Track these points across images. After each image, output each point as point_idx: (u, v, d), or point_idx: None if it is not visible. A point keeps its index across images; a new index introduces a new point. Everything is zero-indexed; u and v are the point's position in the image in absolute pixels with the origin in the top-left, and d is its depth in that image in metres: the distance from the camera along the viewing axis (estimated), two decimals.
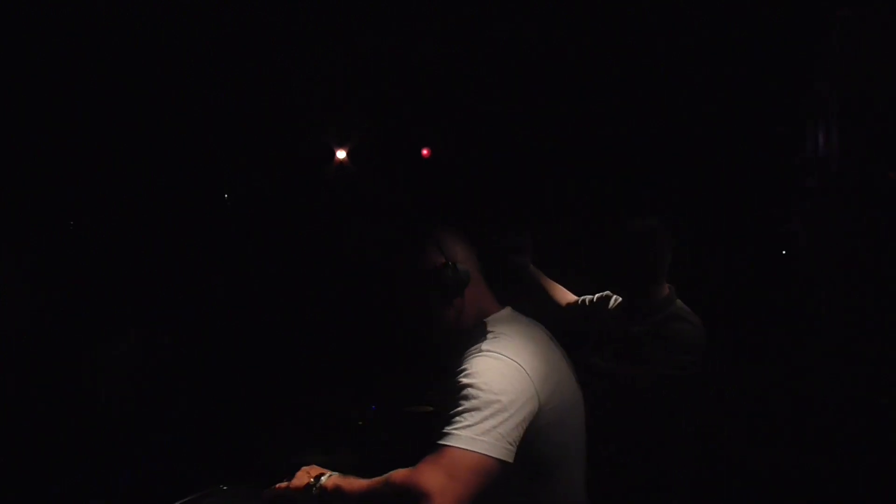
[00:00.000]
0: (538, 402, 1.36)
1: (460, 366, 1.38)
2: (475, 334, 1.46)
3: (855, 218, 3.12)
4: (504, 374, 1.34)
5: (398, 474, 1.29)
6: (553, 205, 4.06)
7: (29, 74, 3.03)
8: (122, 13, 3.08)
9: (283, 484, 1.46)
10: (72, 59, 3.09)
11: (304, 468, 1.47)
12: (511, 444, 1.30)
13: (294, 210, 4.29)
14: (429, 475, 1.25)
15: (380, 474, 1.35)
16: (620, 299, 2.46)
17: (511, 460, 1.30)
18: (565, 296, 2.63)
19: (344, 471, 1.44)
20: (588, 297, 2.59)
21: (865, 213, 3.08)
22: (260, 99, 3.92)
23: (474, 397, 1.30)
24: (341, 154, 4.41)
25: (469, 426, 1.28)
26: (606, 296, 2.53)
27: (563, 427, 1.43)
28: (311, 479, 1.42)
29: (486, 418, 1.29)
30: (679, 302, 2.32)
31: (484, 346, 1.39)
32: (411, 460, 1.33)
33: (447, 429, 1.29)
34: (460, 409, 1.30)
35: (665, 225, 2.31)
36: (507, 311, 1.55)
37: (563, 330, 1.68)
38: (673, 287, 2.35)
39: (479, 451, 1.27)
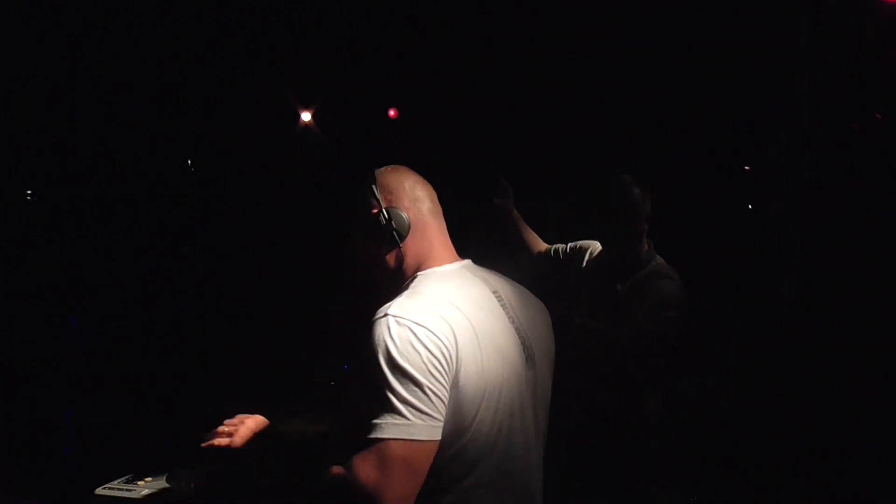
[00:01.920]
0: (454, 367, 1.26)
1: (364, 329, 1.28)
2: (401, 289, 1.37)
3: (821, 168, 3.16)
4: (409, 342, 1.22)
5: (338, 478, 1.23)
6: (534, 161, 4.05)
7: None
8: None
9: (224, 441, 1.36)
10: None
11: (244, 423, 1.37)
12: (435, 417, 1.23)
13: (260, 169, 4.21)
14: (364, 474, 1.19)
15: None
16: (597, 251, 2.46)
17: (439, 437, 1.24)
18: (537, 243, 2.63)
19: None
20: (560, 247, 2.58)
21: (831, 164, 3.12)
22: (221, 62, 3.81)
23: (381, 374, 1.21)
24: (306, 116, 4.32)
25: (384, 411, 1.20)
26: (581, 248, 2.52)
27: (492, 396, 1.31)
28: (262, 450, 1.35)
29: (399, 396, 1.20)
30: (659, 258, 2.33)
31: (391, 308, 1.27)
32: None
33: (367, 419, 1.21)
34: (375, 391, 1.22)
35: (644, 180, 2.31)
36: (454, 265, 1.45)
37: (540, 286, 1.64)
38: (652, 243, 2.35)
39: (402, 436, 1.19)
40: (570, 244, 2.56)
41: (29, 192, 3.76)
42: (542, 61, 3.70)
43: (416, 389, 1.21)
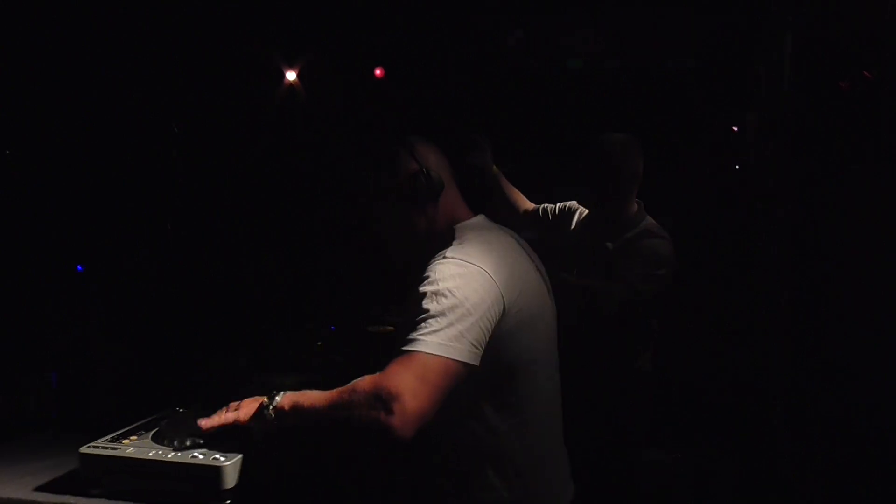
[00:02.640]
0: (503, 306, 1.38)
1: (424, 272, 1.38)
2: (443, 241, 1.47)
3: (807, 129, 3.14)
4: (467, 279, 1.34)
5: (364, 381, 1.29)
6: (521, 122, 4.02)
7: None
8: None
9: (231, 416, 1.42)
10: None
11: (248, 399, 1.44)
12: (477, 348, 1.32)
13: (246, 132, 4.14)
14: (399, 378, 1.25)
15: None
16: (586, 212, 2.45)
17: (477, 363, 1.33)
18: (523, 202, 2.62)
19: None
20: (548, 207, 2.57)
21: (816, 125, 3.11)
22: (202, 24, 3.72)
23: (439, 303, 1.31)
24: (291, 75, 4.24)
25: (435, 331, 1.29)
26: (570, 208, 2.52)
27: (531, 331, 1.45)
28: (264, 400, 1.38)
29: (451, 323, 1.29)
30: (649, 217, 2.33)
31: (448, 252, 1.40)
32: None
33: (413, 335, 1.30)
34: (425, 315, 1.31)
35: (635, 139, 2.30)
36: (479, 218, 1.57)
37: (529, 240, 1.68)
38: (642, 203, 2.35)
39: (447, 355, 1.28)
40: (558, 204, 2.55)
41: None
42: (529, 29, 3.64)
43: (468, 320, 1.31)
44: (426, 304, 1.32)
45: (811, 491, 2.98)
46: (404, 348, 1.29)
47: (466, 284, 1.34)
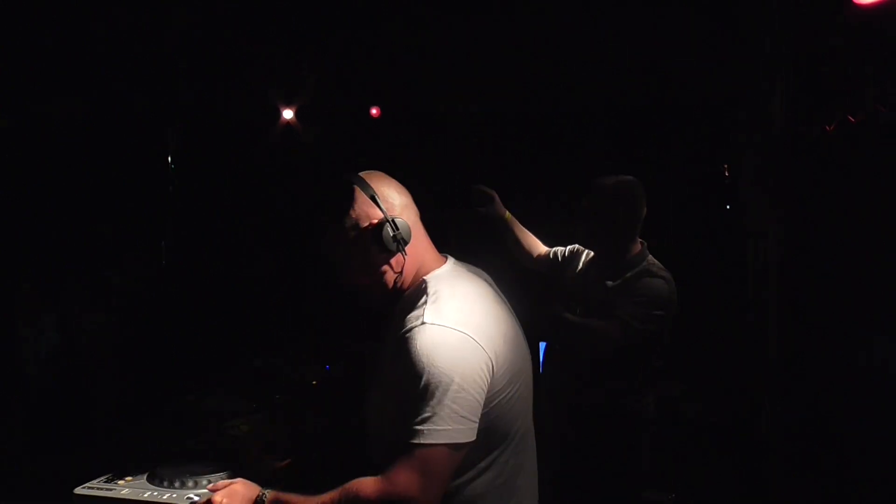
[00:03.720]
0: (492, 368, 1.31)
1: (404, 337, 1.29)
2: (415, 295, 1.39)
3: (800, 168, 3.20)
4: (453, 349, 1.27)
5: (367, 488, 1.24)
6: (525, 163, 4.08)
7: None
8: None
9: None
10: None
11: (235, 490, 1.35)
12: (473, 421, 1.27)
13: (238, 173, 4.18)
14: (406, 480, 1.22)
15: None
16: (592, 254, 2.48)
17: (475, 437, 1.28)
18: (537, 246, 2.66)
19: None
20: (560, 250, 2.61)
21: (810, 162, 3.16)
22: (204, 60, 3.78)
23: (427, 381, 1.24)
24: (288, 114, 4.29)
25: (430, 417, 1.23)
26: (578, 250, 2.56)
27: (514, 383, 1.39)
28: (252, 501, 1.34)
29: (444, 403, 1.23)
30: (651, 258, 2.35)
31: (427, 316, 1.30)
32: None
33: (410, 425, 1.24)
34: (416, 397, 1.24)
35: (637, 182, 2.34)
36: (448, 265, 1.47)
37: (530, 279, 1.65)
38: (645, 243, 2.38)
39: (447, 441, 1.23)
40: (568, 247, 2.60)
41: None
42: (528, 64, 3.71)
43: (462, 397, 1.25)
44: (413, 385, 1.25)
45: None
46: (405, 441, 1.23)
47: (453, 356, 1.26)
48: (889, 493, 2.77)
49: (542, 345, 2.73)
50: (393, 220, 1.38)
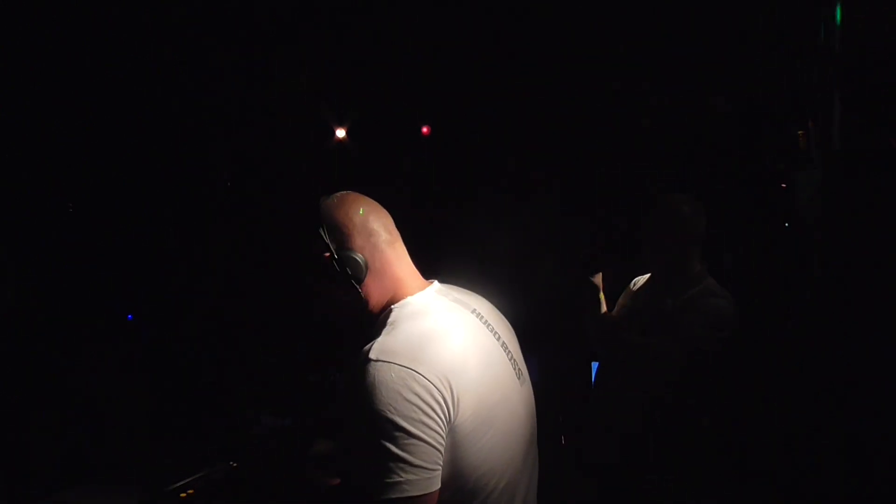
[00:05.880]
0: (447, 409, 1.17)
1: (350, 375, 1.18)
2: (379, 325, 1.29)
3: (858, 186, 3.12)
4: (397, 387, 1.13)
5: None
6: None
7: None
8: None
9: None
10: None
11: None
12: (431, 468, 1.14)
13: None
14: None
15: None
16: (648, 276, 2.48)
17: (438, 486, 1.16)
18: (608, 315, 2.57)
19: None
20: (629, 288, 2.59)
21: (867, 180, 3.08)
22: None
23: (375, 430, 1.12)
24: (341, 133, 4.37)
25: (382, 471, 1.11)
26: (636, 281, 2.57)
27: (489, 426, 1.24)
28: None
29: (395, 456, 1.11)
30: (711, 279, 2.33)
31: (374, 349, 1.18)
32: None
33: (361, 477, 1.13)
34: (365, 446, 1.13)
35: (696, 200, 2.33)
36: (426, 292, 1.37)
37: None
38: (706, 264, 2.36)
39: (399, 495, 1.11)
40: (632, 284, 2.59)
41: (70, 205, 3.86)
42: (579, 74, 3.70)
43: (409, 443, 1.12)
44: (357, 430, 1.14)
45: None
46: (364, 498, 1.12)
47: (396, 397, 1.12)
48: None
49: (595, 365, 2.71)
50: (339, 256, 1.30)
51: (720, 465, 2.51)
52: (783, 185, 3.86)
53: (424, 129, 4.45)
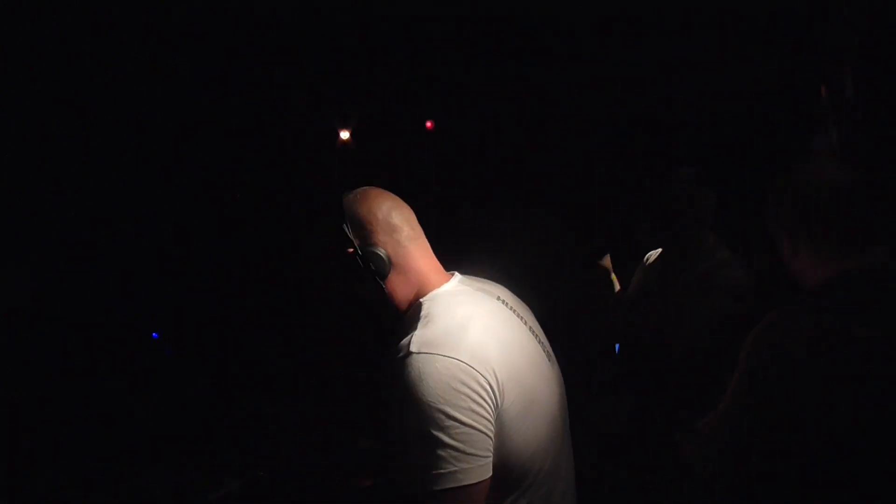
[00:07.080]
0: (494, 396, 1.18)
1: (391, 370, 1.17)
2: (411, 318, 1.29)
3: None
4: (443, 378, 1.13)
5: None
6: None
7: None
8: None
9: None
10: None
11: None
12: (483, 456, 1.15)
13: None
14: None
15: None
16: (660, 251, 2.42)
17: (490, 473, 1.16)
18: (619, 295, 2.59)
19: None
20: (642, 271, 2.55)
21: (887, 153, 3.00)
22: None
23: (424, 422, 1.11)
24: (345, 135, 4.35)
25: (436, 462, 1.11)
26: (649, 256, 2.52)
27: (529, 412, 1.25)
28: None
29: (448, 445, 1.11)
30: (725, 249, 2.26)
31: (414, 342, 1.17)
32: None
33: (415, 470, 1.12)
34: (416, 440, 1.12)
35: (704, 173, 2.28)
36: (450, 283, 1.37)
37: None
38: (716, 236, 2.30)
39: (454, 485, 1.11)
40: (644, 260, 2.55)
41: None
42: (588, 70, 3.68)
43: (462, 431, 1.12)
44: (409, 421, 1.12)
45: None
46: (417, 490, 1.12)
47: (443, 387, 1.12)
48: None
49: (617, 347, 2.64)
50: (363, 252, 1.31)
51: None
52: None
53: (428, 124, 4.42)
